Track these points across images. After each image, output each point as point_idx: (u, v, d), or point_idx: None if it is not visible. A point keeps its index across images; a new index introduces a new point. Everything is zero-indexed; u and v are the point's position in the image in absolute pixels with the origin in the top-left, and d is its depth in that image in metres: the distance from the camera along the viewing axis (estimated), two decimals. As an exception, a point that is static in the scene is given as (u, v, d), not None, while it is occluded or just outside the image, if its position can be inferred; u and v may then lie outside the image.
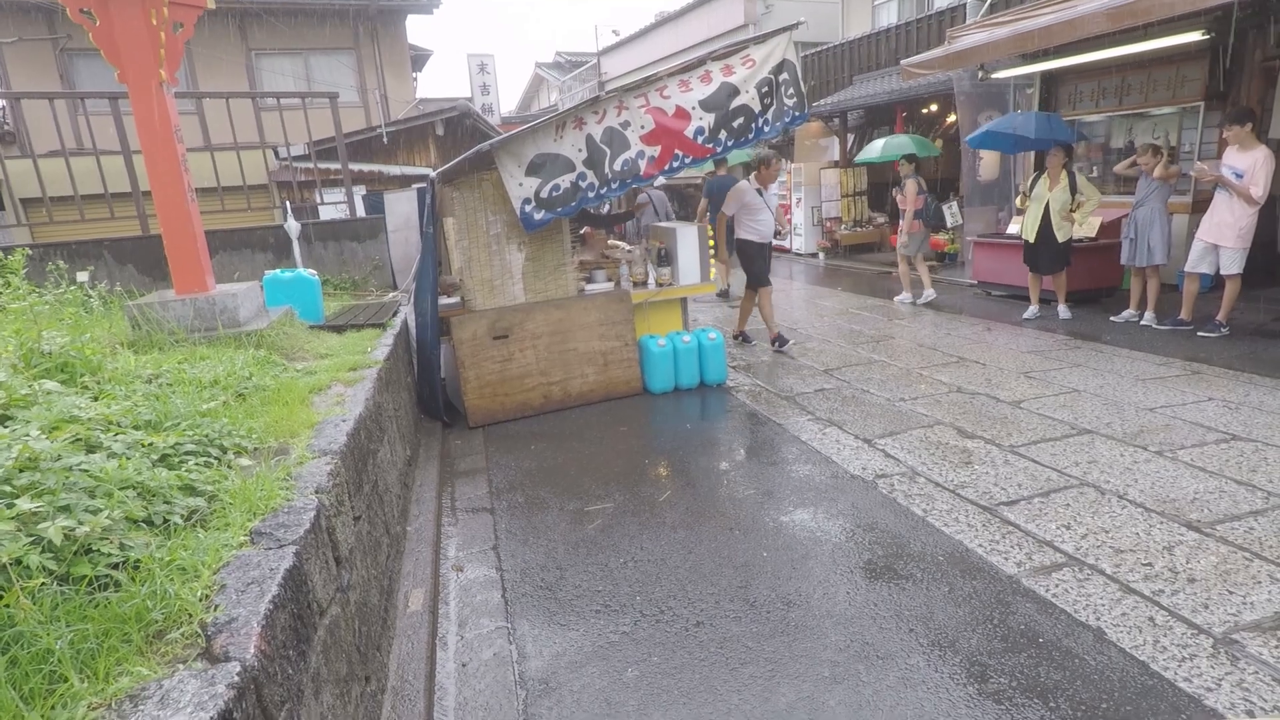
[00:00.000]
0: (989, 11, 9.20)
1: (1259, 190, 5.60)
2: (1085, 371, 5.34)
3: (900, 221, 8.57)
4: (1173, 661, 2.25)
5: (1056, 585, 2.70)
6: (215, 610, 1.38)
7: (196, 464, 1.92)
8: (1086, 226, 7.25)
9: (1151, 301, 6.62)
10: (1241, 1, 5.76)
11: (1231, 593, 2.57)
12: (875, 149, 10.84)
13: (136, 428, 2.01)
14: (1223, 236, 5.82)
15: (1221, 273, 5.94)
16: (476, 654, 2.55)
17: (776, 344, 6.68)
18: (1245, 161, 5.67)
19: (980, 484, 3.61)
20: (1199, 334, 6.06)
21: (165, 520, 1.64)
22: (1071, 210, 6.85)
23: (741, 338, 7.08)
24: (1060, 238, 6.91)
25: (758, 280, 6.65)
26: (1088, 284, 7.63)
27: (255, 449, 2.26)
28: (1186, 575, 2.70)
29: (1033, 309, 7.26)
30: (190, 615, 1.36)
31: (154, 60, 3.42)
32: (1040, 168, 7.50)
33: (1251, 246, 5.89)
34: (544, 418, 5.15)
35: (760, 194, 6.50)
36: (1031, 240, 7.10)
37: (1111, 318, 6.91)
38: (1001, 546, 3.01)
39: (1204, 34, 6.81)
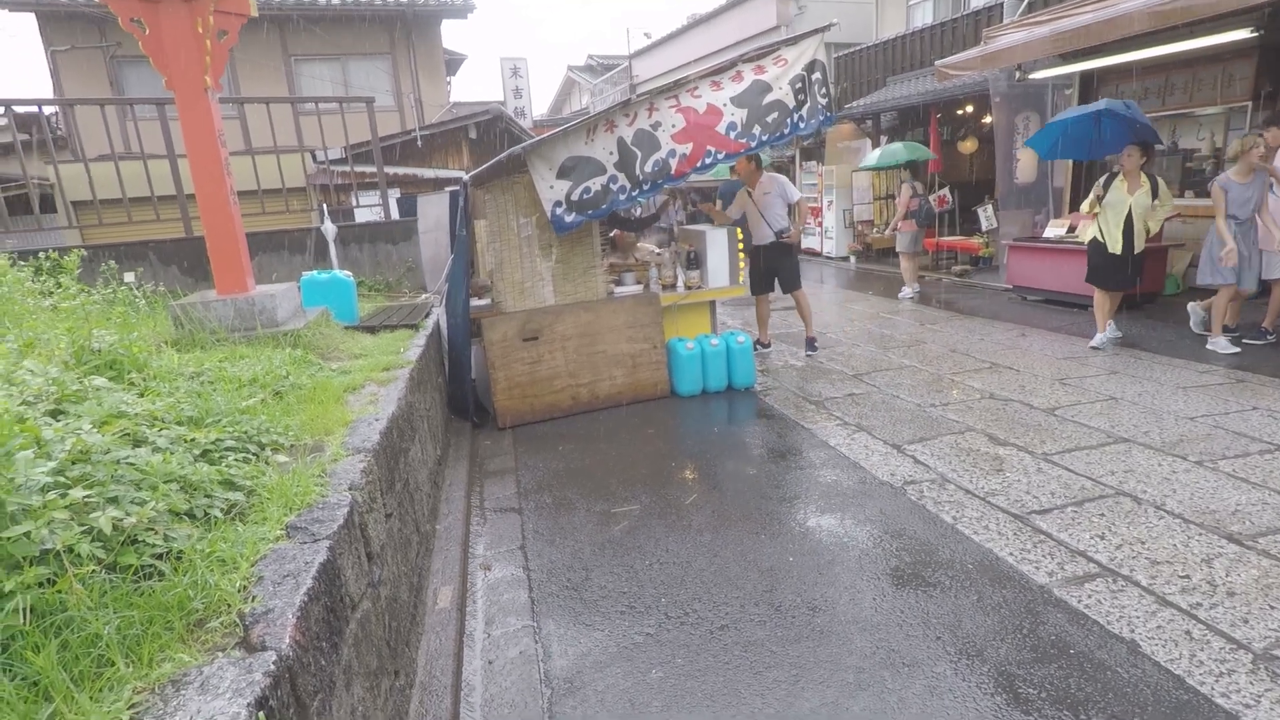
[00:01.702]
0: (1027, 10, 9.04)
1: None
2: (1123, 379, 5.22)
3: (894, 220, 9.45)
4: (1210, 676, 2.19)
5: (1089, 596, 2.65)
6: (253, 601, 1.43)
7: (236, 459, 1.99)
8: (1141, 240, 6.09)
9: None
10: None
11: (1273, 607, 2.50)
12: (873, 157, 11.02)
13: (180, 423, 2.08)
14: (1269, 241, 5.67)
15: (1265, 277, 5.79)
16: (503, 652, 2.59)
17: (760, 346, 6.73)
18: None
19: (1012, 492, 3.55)
20: (1244, 340, 5.88)
21: (206, 513, 1.70)
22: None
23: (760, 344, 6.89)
24: (1138, 247, 6.04)
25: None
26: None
27: (292, 446, 2.33)
28: (1226, 589, 2.63)
29: (1099, 336, 6.20)
30: (229, 605, 1.41)
31: (200, 67, 3.54)
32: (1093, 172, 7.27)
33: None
34: (572, 419, 5.19)
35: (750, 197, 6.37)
36: (1116, 252, 6.03)
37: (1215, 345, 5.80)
38: (1033, 555, 2.96)
39: (1252, 31, 6.60)
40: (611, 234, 6.43)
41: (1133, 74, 8.47)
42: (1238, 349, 5.70)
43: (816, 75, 4.91)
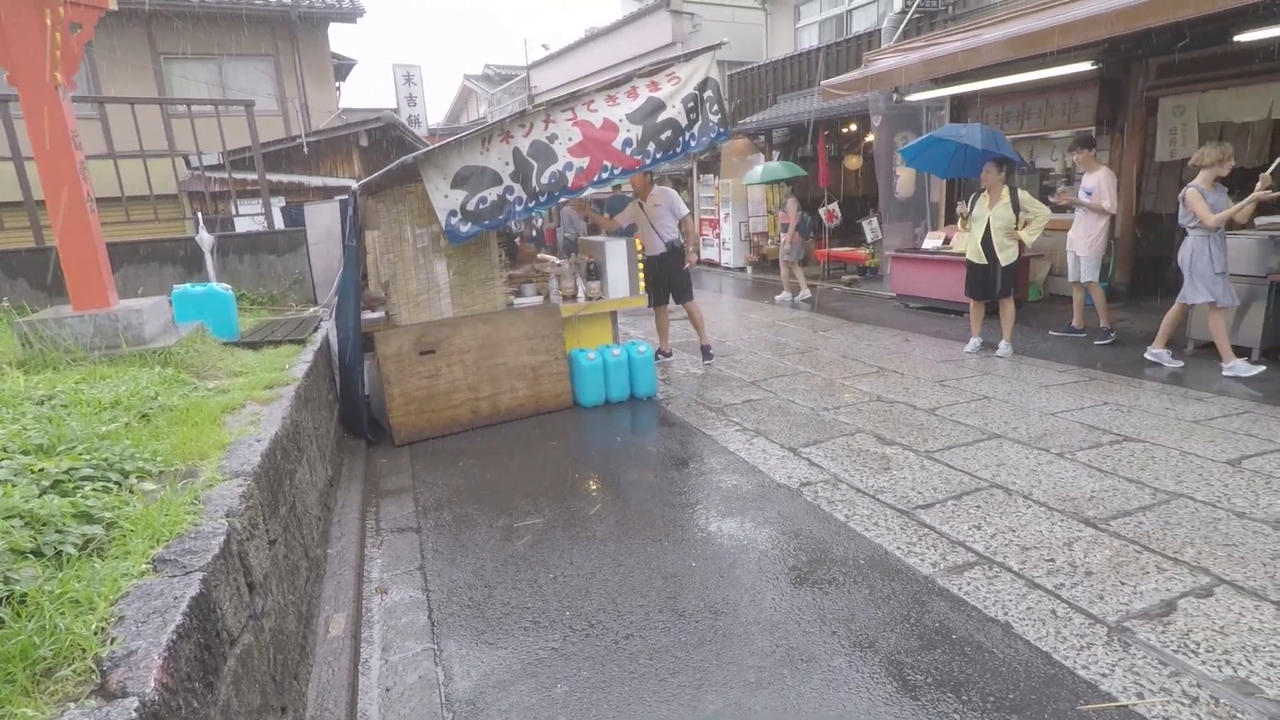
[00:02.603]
0: (902, 37, 9.66)
1: (1109, 203, 6.40)
2: (994, 379, 5.64)
3: (783, 234, 10.28)
4: (1072, 651, 2.39)
5: (968, 583, 2.83)
6: (112, 644, 1.31)
7: (93, 489, 1.81)
8: (1009, 251, 6.27)
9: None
10: (1125, 36, 6.24)
11: (1124, 583, 2.76)
12: (756, 174, 11.68)
13: (25, 452, 1.89)
14: (1083, 247, 6.54)
15: (1083, 279, 6.64)
16: (401, 678, 2.49)
17: (661, 355, 6.86)
18: (1092, 181, 6.46)
19: (898, 489, 3.75)
20: (1097, 342, 6.51)
21: (57, 550, 1.54)
22: (1017, 229, 6.24)
23: (663, 354, 6.99)
24: (1004, 260, 6.24)
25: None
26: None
27: (161, 472, 2.15)
28: (1084, 569, 2.88)
29: (974, 341, 6.58)
30: (84, 650, 1.28)
31: (49, 62, 3.23)
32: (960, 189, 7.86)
33: (1141, 261, 6.49)
34: (473, 434, 5.08)
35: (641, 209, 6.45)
36: (976, 263, 6.42)
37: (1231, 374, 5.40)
38: (918, 548, 3.13)
39: (1093, 64, 7.34)
40: (514, 240, 6.35)
41: (996, 99, 9.21)
42: (1263, 366, 5.38)
43: (709, 93, 5.04)
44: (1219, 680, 2.20)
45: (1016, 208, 6.21)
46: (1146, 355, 5.82)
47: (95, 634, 1.32)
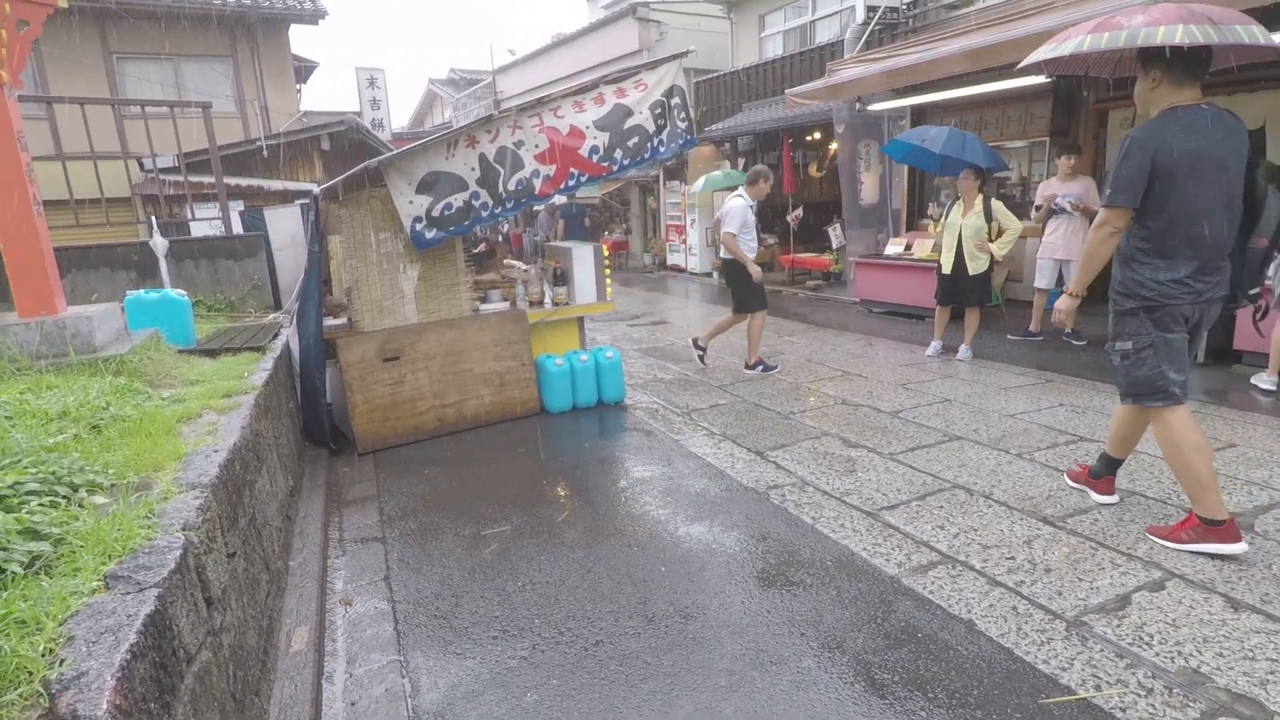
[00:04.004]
0: (865, 48, 9.85)
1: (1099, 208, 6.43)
2: (955, 382, 5.76)
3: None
4: (1033, 646, 2.44)
5: (933, 583, 2.88)
6: (61, 665, 1.26)
7: (40, 504, 1.75)
8: (979, 261, 6.22)
9: None
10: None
11: (1081, 579, 2.83)
12: (700, 184, 12.23)
13: (-33, 466, 1.81)
14: (1075, 253, 6.56)
15: (1039, 285, 6.84)
16: (367, 691, 2.44)
17: (761, 368, 6.42)
18: (1078, 187, 6.58)
19: (864, 490, 3.80)
20: (1073, 344, 6.70)
21: (1, 569, 1.48)
22: (990, 240, 6.19)
23: (759, 365, 6.50)
24: (973, 270, 6.20)
25: (759, 303, 6.31)
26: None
27: (113, 486, 2.08)
28: (1044, 566, 2.95)
29: (935, 345, 6.68)
30: (31, 673, 1.23)
31: (-8, 61, 3.12)
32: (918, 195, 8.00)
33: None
34: (438, 441, 5.01)
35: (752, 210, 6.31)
36: (947, 271, 6.38)
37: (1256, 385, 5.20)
38: (883, 549, 3.18)
39: (1047, 77, 7.56)
40: (477, 249, 6.31)
41: (955, 109, 9.43)
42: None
43: (676, 100, 5.08)
44: (1172, 671, 2.27)
45: (989, 217, 6.16)
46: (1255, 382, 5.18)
47: (43, 656, 1.27)
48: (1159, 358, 2.97)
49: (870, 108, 9.74)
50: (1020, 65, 3.58)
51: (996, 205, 6.23)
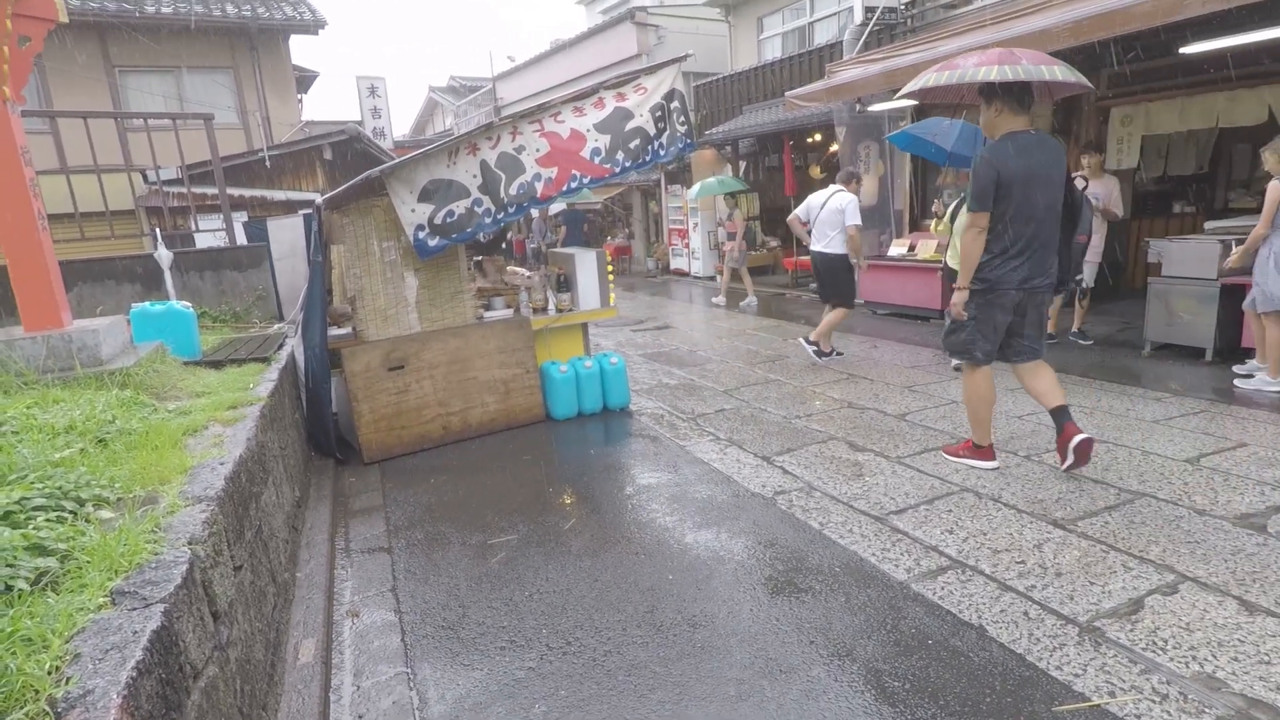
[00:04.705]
0: (863, 49, 9.85)
1: (1119, 208, 6.47)
2: (961, 384, 5.72)
3: (728, 242, 11.10)
4: (1045, 652, 2.42)
5: (942, 588, 2.86)
6: (67, 683, 1.25)
7: (47, 520, 1.74)
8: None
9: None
10: (1075, 48, 6.43)
11: (1092, 583, 2.80)
12: (694, 190, 12.41)
13: (-27, 483, 1.81)
14: (1091, 253, 6.51)
15: (1085, 285, 6.65)
16: (374, 704, 2.43)
17: (833, 354, 6.81)
18: (1101, 188, 6.45)
19: (871, 495, 3.78)
20: (1081, 343, 6.63)
21: (8, 586, 1.47)
22: None
23: (832, 352, 6.85)
24: None
25: (852, 298, 6.67)
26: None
27: (119, 500, 2.07)
28: (1054, 570, 2.92)
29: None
30: (37, 692, 1.22)
31: (-4, 77, 3.13)
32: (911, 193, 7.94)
33: (1099, 263, 6.64)
34: (444, 450, 5.01)
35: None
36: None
37: (1237, 380, 5.29)
38: (892, 554, 3.16)
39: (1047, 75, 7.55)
40: (478, 258, 6.31)
41: (956, 109, 9.41)
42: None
43: (675, 104, 5.07)
44: (1187, 676, 2.25)
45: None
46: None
47: (49, 674, 1.26)
48: (977, 331, 3.82)
49: (871, 108, 9.73)
50: (897, 96, 4.44)
51: None
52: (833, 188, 6.69)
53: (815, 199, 6.76)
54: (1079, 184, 3.93)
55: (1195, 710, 2.11)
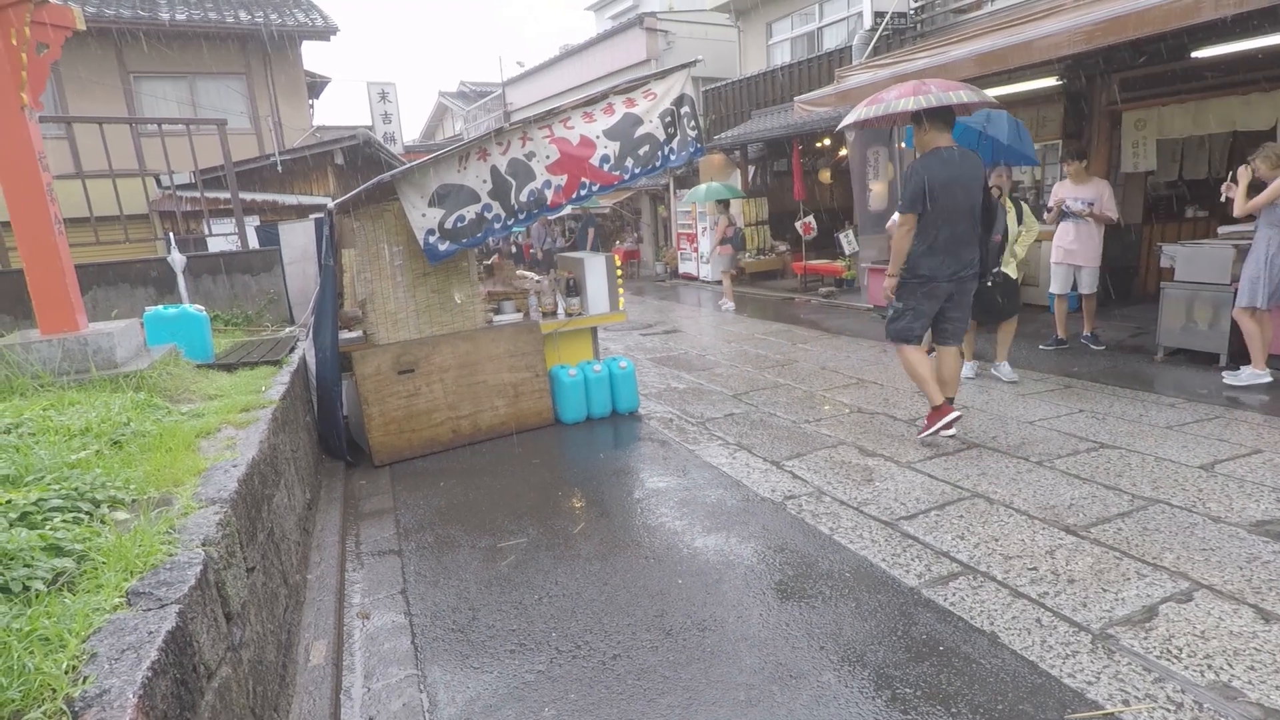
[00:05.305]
0: (873, 54, 9.84)
1: (1114, 212, 6.39)
2: (971, 388, 5.70)
3: (720, 247, 11.35)
4: (1058, 659, 2.40)
5: (954, 594, 2.84)
6: (84, 683, 1.26)
7: (63, 521, 1.76)
8: (1012, 266, 5.69)
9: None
10: (1087, 52, 6.41)
11: (1105, 590, 2.78)
12: (698, 193, 12.42)
13: (-9, 484, 1.83)
14: (1088, 258, 6.45)
15: (1084, 291, 6.57)
16: (385, 706, 2.43)
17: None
18: (1092, 192, 6.40)
19: (882, 500, 3.77)
20: (1092, 347, 6.55)
21: (25, 586, 1.49)
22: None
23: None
24: (1013, 275, 5.69)
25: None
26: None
27: (134, 501, 2.09)
28: (1067, 577, 2.90)
29: (970, 366, 5.96)
30: (54, 690, 1.23)
31: (14, 83, 3.18)
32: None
33: (1111, 269, 6.57)
34: (454, 453, 5.02)
35: None
36: (986, 283, 5.30)
37: (1227, 379, 5.28)
38: (903, 560, 3.14)
39: (1058, 80, 7.53)
40: (488, 261, 6.33)
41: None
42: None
43: (685, 109, 5.08)
44: (1202, 685, 2.23)
45: (1020, 219, 5.69)
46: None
47: (66, 673, 1.28)
48: (914, 317, 4.46)
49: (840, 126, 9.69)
50: (837, 130, 5.60)
51: (1024, 205, 5.84)
52: None
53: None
54: (994, 193, 4.79)
55: (1211, 719, 2.08)
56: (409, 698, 2.46)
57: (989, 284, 5.40)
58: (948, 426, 4.44)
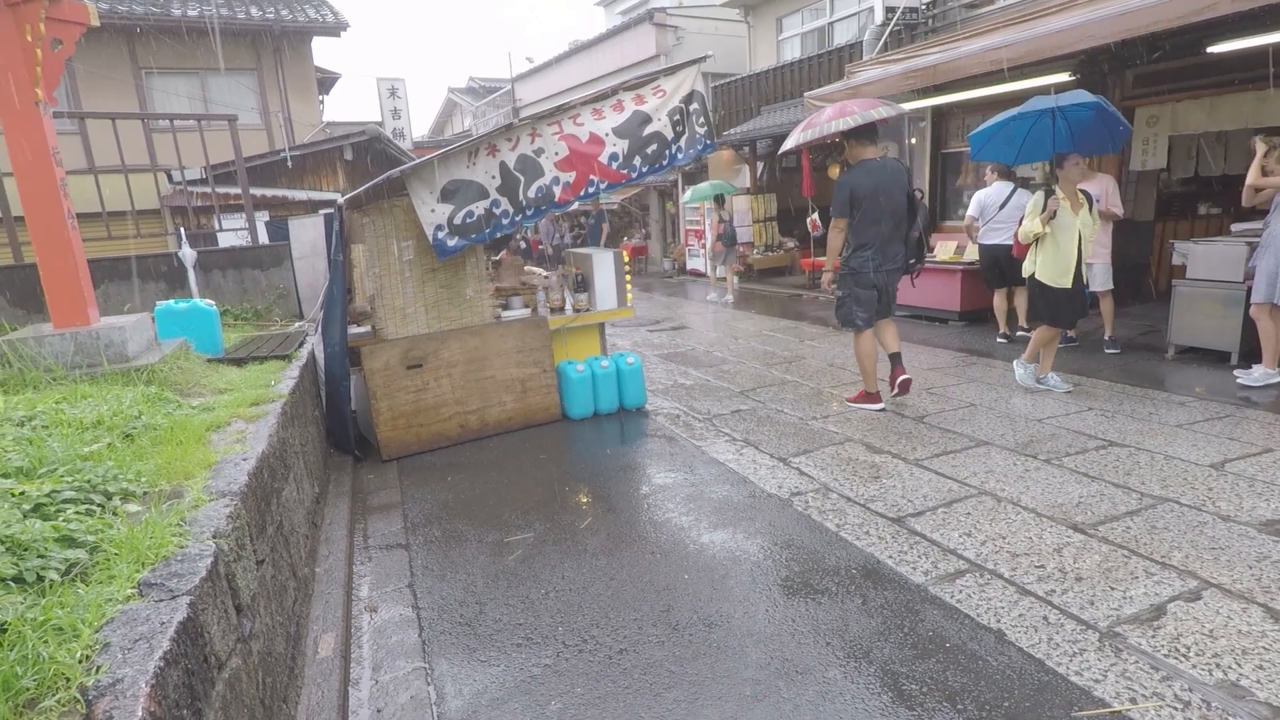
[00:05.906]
0: (883, 49, 9.79)
1: (1120, 208, 6.37)
2: (980, 386, 5.68)
3: (718, 243, 11.64)
4: (1065, 657, 2.40)
5: (960, 591, 2.84)
6: (97, 672, 1.28)
7: (76, 513, 1.78)
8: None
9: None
10: (1100, 48, 6.35)
11: (1113, 588, 2.77)
12: (692, 192, 12.59)
13: (5, 475, 1.85)
14: (1098, 253, 6.39)
15: (1098, 289, 6.48)
16: (392, 698, 2.45)
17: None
18: (1096, 187, 6.22)
19: (889, 497, 3.76)
20: (1108, 351, 6.40)
21: (39, 576, 1.51)
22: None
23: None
24: (1085, 278, 5.22)
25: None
26: (976, 304, 8.10)
27: (145, 494, 2.12)
28: (1074, 574, 2.89)
29: (1054, 377, 5.44)
30: (68, 680, 1.25)
31: (29, 78, 3.21)
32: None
33: (1123, 267, 6.52)
34: (461, 448, 5.04)
35: None
36: (1067, 285, 5.07)
37: (1239, 378, 5.22)
38: (910, 556, 3.14)
39: (1071, 75, 7.46)
40: (496, 257, 6.35)
41: (978, 109, 9.33)
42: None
43: (695, 106, 5.07)
44: (1210, 684, 2.22)
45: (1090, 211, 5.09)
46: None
47: (80, 662, 1.29)
48: (855, 304, 5.14)
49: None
50: (779, 152, 6.97)
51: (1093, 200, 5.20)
52: (1003, 184, 6.90)
53: (990, 196, 6.99)
54: (917, 195, 5.17)
55: (1219, 718, 2.08)
56: (416, 690, 2.48)
57: (1084, 287, 5.08)
58: (870, 400, 5.25)
